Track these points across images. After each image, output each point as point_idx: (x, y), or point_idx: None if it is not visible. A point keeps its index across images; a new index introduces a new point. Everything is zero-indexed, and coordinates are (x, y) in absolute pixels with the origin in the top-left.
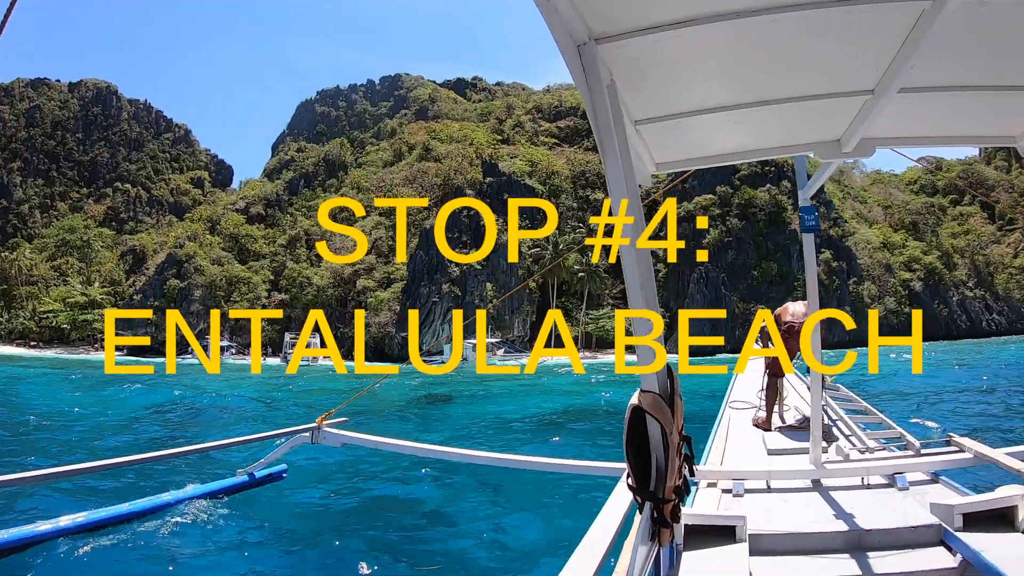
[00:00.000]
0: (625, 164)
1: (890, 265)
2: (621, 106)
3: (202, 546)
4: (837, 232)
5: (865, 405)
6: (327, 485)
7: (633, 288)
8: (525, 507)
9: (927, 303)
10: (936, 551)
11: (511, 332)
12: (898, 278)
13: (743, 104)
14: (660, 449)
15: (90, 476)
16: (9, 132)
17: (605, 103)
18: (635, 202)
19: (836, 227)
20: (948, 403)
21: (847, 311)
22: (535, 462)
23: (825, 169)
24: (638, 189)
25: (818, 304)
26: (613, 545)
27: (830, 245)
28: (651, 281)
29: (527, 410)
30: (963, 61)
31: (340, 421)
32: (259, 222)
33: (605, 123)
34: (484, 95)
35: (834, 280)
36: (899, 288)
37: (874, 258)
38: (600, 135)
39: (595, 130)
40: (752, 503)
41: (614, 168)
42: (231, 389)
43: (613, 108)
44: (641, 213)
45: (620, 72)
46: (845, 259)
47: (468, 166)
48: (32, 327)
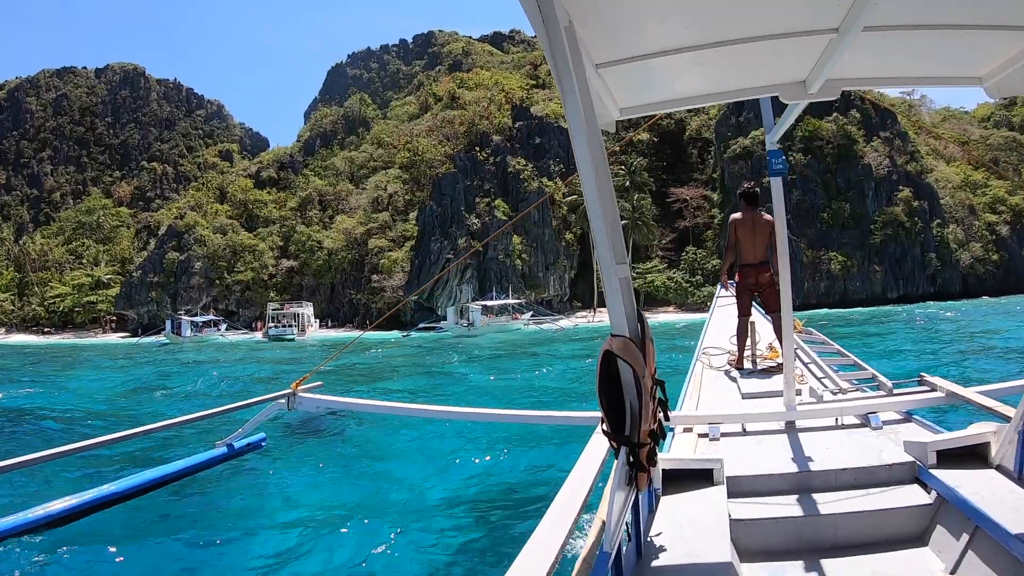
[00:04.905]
0: (586, 108)
1: (973, 206)
2: (581, 49)
3: (191, 523)
4: (915, 168)
5: (838, 348)
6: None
7: (599, 233)
8: (505, 459)
9: (1015, 250)
10: (911, 488)
11: (546, 291)
12: (982, 220)
13: (705, 44)
14: (633, 393)
15: (51, 463)
16: (37, 123)
17: (563, 45)
18: (597, 147)
19: (913, 162)
20: None
21: (933, 258)
22: (514, 415)
23: (791, 111)
24: (600, 133)
25: (787, 251)
26: (591, 491)
27: (908, 182)
28: (617, 224)
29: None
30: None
31: (315, 385)
32: (272, 186)
33: (564, 66)
34: (523, 47)
35: (916, 222)
36: (984, 232)
37: (956, 198)
38: (559, 78)
39: (554, 73)
40: (728, 447)
41: (574, 112)
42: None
43: (572, 51)
44: (604, 158)
45: (578, 14)
46: (926, 198)
47: (496, 111)
48: (42, 313)
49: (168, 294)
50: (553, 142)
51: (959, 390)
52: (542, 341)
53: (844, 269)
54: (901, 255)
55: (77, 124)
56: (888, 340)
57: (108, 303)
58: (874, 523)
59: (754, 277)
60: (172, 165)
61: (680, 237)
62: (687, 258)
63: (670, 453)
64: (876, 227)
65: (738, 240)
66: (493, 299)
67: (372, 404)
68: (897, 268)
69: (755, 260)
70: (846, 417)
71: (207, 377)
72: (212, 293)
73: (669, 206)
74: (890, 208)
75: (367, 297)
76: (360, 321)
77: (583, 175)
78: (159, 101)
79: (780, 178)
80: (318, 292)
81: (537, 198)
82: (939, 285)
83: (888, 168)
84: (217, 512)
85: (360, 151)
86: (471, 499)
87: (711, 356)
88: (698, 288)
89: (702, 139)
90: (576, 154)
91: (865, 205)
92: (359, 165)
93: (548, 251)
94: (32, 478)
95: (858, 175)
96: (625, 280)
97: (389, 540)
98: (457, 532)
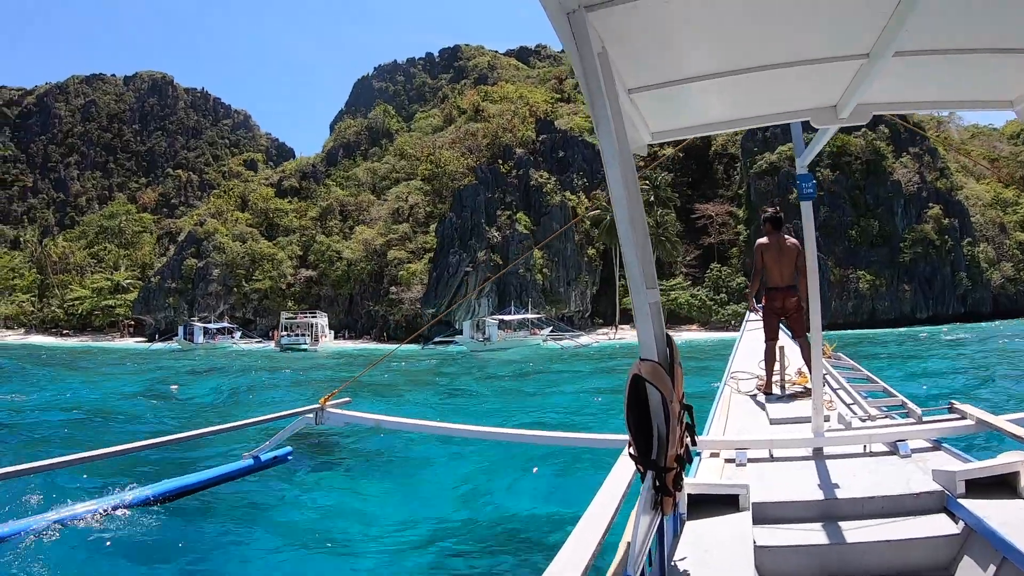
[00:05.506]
0: (619, 133)
1: (1004, 225)
2: (614, 74)
3: (214, 532)
4: (945, 184)
5: (867, 374)
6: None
7: (630, 257)
8: (529, 480)
9: None
10: (938, 518)
11: (566, 307)
12: (1013, 239)
13: (737, 70)
14: (661, 418)
15: (80, 467)
16: (65, 128)
17: (596, 71)
18: (629, 172)
19: (943, 178)
20: None
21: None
22: (539, 436)
23: (822, 136)
24: (632, 158)
25: (817, 276)
26: (616, 514)
27: (937, 199)
28: (648, 249)
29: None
30: (960, 23)
31: (343, 401)
32: (293, 195)
33: (597, 92)
34: (549, 62)
35: (946, 240)
36: (1016, 251)
37: (986, 216)
38: (593, 103)
39: (587, 98)
40: (755, 472)
41: (607, 137)
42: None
43: (605, 76)
44: (636, 183)
45: (611, 39)
46: (956, 215)
47: (520, 124)
48: (61, 315)
49: (185, 300)
50: (577, 156)
51: (989, 418)
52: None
53: (872, 288)
54: (931, 274)
55: (105, 130)
56: (918, 362)
57: (126, 307)
58: (900, 553)
59: (781, 301)
60: (197, 173)
61: (705, 254)
62: (711, 275)
63: (696, 478)
64: (905, 245)
65: (765, 264)
66: (512, 313)
67: (399, 421)
68: (927, 287)
69: (782, 284)
70: (874, 445)
71: (194, 389)
72: (229, 301)
73: (694, 222)
74: (920, 226)
75: (385, 309)
76: (377, 333)
77: (615, 199)
78: (186, 110)
79: (810, 202)
80: (336, 303)
81: (559, 212)
82: (969, 305)
83: (918, 185)
84: (235, 523)
85: (382, 162)
86: (493, 519)
87: (739, 380)
88: (722, 306)
89: (728, 154)
90: (608, 179)
91: (894, 222)
92: (381, 176)
93: (570, 266)
94: (46, 482)
95: (887, 192)
96: (655, 305)
97: (411, 559)
98: (482, 552)
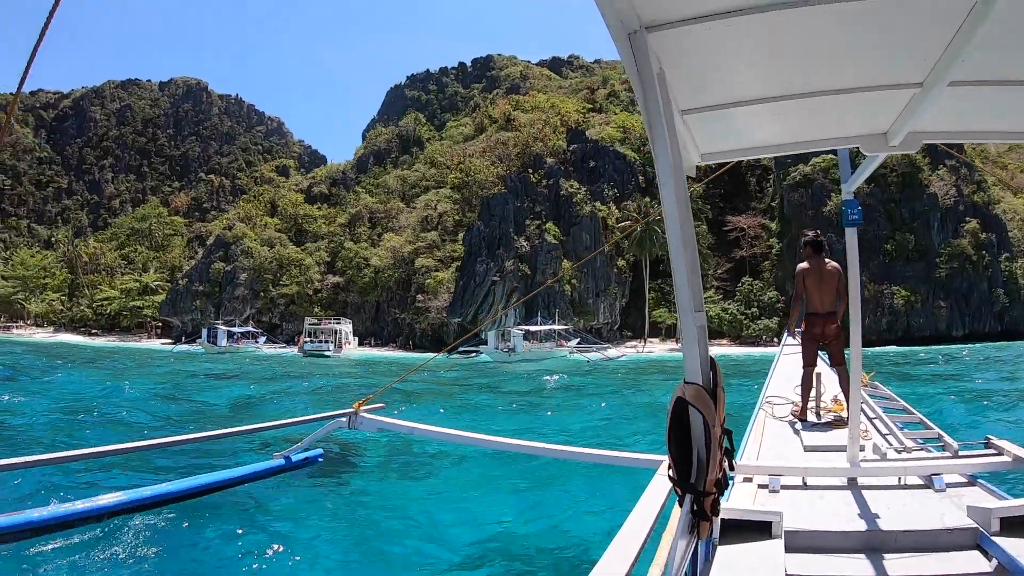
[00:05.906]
0: (674, 153)
1: None
2: (669, 95)
3: (240, 528)
4: (982, 198)
5: (903, 404)
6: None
7: (680, 279)
8: (560, 496)
9: None
10: (971, 555)
11: (595, 319)
12: None
13: (789, 95)
14: (702, 441)
15: (114, 458)
16: (100, 131)
17: (655, 91)
18: (682, 191)
19: (981, 192)
20: None
21: (1000, 293)
22: (571, 452)
23: (870, 162)
24: (685, 179)
25: (859, 301)
26: (650, 535)
27: (975, 213)
28: (697, 270)
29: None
30: (1015, 54)
31: (377, 407)
32: (323, 201)
33: (655, 111)
34: (581, 72)
35: (983, 255)
36: None
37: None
38: (651, 124)
39: (645, 118)
40: (788, 499)
41: (663, 157)
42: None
43: (662, 97)
44: (688, 203)
45: (669, 61)
46: (994, 230)
47: (551, 134)
48: (90, 315)
49: (212, 304)
50: (608, 166)
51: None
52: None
53: (908, 304)
54: (968, 290)
55: (139, 134)
56: (954, 383)
57: (154, 309)
58: None
59: (820, 327)
60: (230, 178)
61: (736, 267)
62: (743, 289)
63: (729, 503)
64: (942, 260)
65: (806, 289)
66: (539, 324)
67: (432, 430)
68: (963, 304)
69: (822, 310)
70: (909, 477)
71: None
72: (256, 305)
73: (725, 235)
74: (956, 240)
75: (411, 317)
76: (403, 341)
77: (668, 219)
78: (220, 116)
79: (855, 228)
80: (363, 310)
81: (589, 222)
82: (1007, 323)
83: (954, 198)
84: (261, 520)
85: (412, 170)
86: (524, 534)
87: (774, 405)
88: (753, 320)
89: (761, 166)
90: (663, 199)
91: (930, 237)
92: (411, 184)
93: (599, 277)
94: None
95: (923, 205)
96: (702, 328)
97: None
98: (510, 568)
